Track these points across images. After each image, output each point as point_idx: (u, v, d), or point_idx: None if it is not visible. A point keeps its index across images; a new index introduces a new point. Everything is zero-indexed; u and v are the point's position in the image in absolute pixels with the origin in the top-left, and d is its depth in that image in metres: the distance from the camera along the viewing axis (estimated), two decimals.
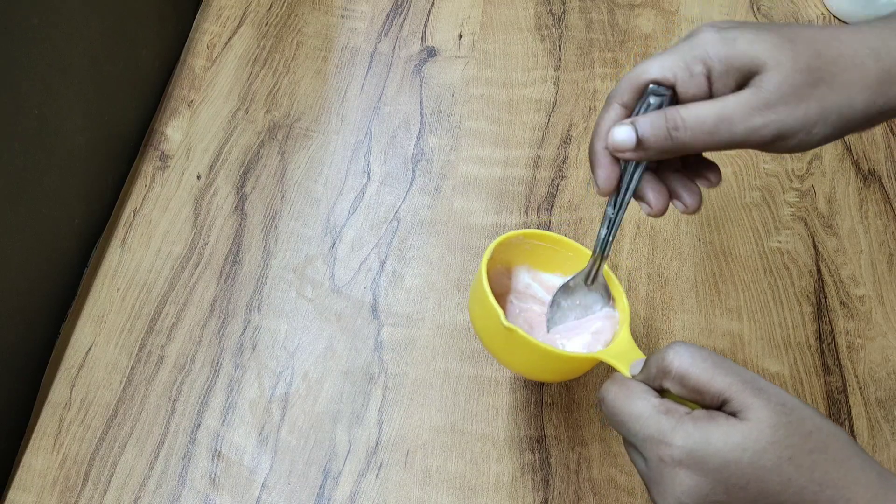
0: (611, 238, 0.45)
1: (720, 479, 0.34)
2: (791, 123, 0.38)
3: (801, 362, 0.59)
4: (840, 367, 0.59)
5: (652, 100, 0.40)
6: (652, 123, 0.39)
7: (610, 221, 0.44)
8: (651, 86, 0.40)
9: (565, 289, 0.49)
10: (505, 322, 0.44)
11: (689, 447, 0.35)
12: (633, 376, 0.41)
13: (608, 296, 0.49)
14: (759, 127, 0.37)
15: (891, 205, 0.66)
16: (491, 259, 0.48)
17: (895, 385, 0.58)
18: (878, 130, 0.70)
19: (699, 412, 0.36)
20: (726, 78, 0.39)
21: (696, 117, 0.38)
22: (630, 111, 0.41)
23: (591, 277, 0.48)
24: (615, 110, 0.41)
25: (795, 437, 0.34)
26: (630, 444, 0.39)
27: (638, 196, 0.43)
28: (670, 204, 0.43)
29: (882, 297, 0.61)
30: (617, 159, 0.42)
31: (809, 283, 0.62)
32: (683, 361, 0.37)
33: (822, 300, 0.61)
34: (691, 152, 0.40)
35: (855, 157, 0.68)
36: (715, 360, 0.37)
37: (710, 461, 0.34)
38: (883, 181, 0.67)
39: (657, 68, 0.40)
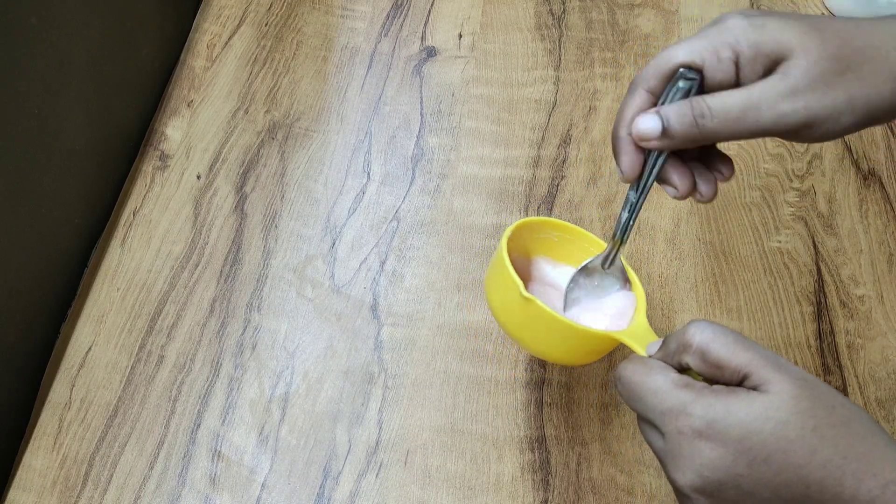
0: (632, 222, 0.44)
1: (742, 451, 0.34)
2: (818, 111, 0.37)
3: (801, 362, 0.59)
4: (840, 366, 0.59)
5: (682, 84, 0.39)
6: (678, 112, 0.39)
7: (632, 206, 0.43)
8: (681, 69, 0.39)
9: (583, 270, 0.49)
10: (524, 292, 0.43)
11: (711, 417, 0.34)
12: (651, 355, 0.40)
13: (625, 279, 0.49)
14: (787, 114, 0.37)
15: (891, 204, 0.66)
16: (510, 243, 0.47)
17: (895, 385, 0.58)
18: (878, 130, 0.70)
19: (719, 386, 0.36)
20: (754, 64, 0.38)
21: (722, 105, 0.38)
22: (656, 98, 0.40)
23: (609, 261, 0.47)
24: (641, 97, 0.40)
25: (819, 410, 0.34)
26: (646, 421, 0.38)
27: (662, 180, 0.43)
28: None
29: (882, 296, 0.61)
30: (642, 147, 0.41)
31: (809, 282, 0.62)
32: (705, 336, 0.36)
33: (822, 300, 0.61)
34: (717, 141, 0.40)
35: (855, 156, 0.68)
36: (736, 337, 0.36)
37: (732, 432, 0.34)
38: (883, 181, 0.67)
39: (686, 52, 0.39)
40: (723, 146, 0.43)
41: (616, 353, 0.58)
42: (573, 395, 0.57)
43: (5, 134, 0.51)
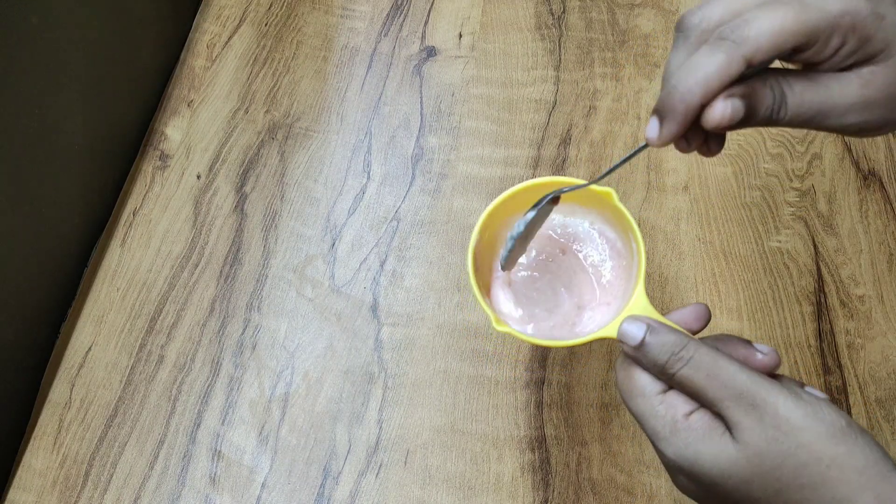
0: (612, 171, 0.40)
1: (712, 494, 0.34)
2: (880, 124, 0.35)
3: (801, 362, 0.59)
4: (840, 366, 0.59)
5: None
6: (762, 104, 0.34)
7: (624, 160, 0.39)
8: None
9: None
10: (497, 326, 0.41)
11: (680, 463, 0.34)
12: (637, 355, 0.37)
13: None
14: (849, 125, 0.35)
15: (891, 204, 0.66)
16: (482, 234, 0.43)
17: (895, 385, 0.58)
18: None
19: (698, 418, 0.34)
20: (852, 55, 0.34)
21: (799, 105, 0.34)
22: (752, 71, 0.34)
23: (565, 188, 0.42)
24: (739, 65, 0.33)
25: (786, 470, 0.32)
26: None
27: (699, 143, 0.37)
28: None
29: (882, 296, 0.61)
30: (689, 121, 0.34)
31: (809, 282, 0.62)
32: (693, 363, 0.35)
33: (822, 300, 0.61)
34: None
35: (855, 156, 0.68)
36: (720, 364, 0.34)
37: (701, 478, 0.34)
38: (883, 181, 0.67)
39: (801, 23, 0.32)
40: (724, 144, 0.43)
41: (616, 349, 0.58)
42: (573, 395, 0.57)
43: (5, 134, 0.51)
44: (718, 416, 0.34)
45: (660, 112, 0.35)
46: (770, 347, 0.37)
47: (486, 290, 0.46)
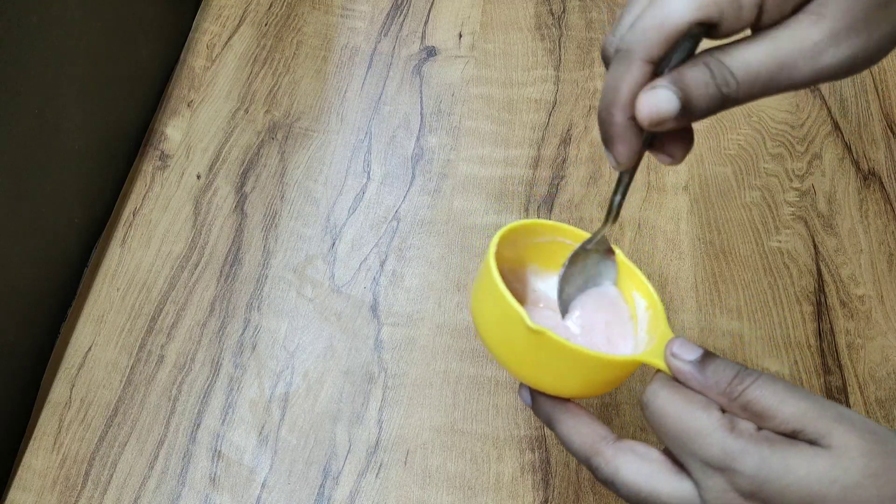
0: (623, 201, 0.38)
1: None
2: (862, 56, 0.30)
3: (801, 362, 0.59)
4: (840, 366, 0.59)
5: (687, 43, 0.32)
6: (697, 83, 0.31)
7: (625, 186, 0.37)
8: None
9: (571, 260, 0.41)
10: (531, 323, 0.35)
11: (764, 476, 0.28)
12: (688, 380, 0.33)
13: (610, 268, 0.41)
14: (827, 67, 0.30)
15: (891, 204, 0.66)
16: (497, 255, 0.38)
17: (895, 385, 0.58)
18: (878, 129, 0.70)
19: (771, 433, 0.30)
20: (783, 3, 0.30)
21: (747, 68, 0.30)
22: (657, 68, 0.32)
23: (593, 242, 0.40)
24: (638, 69, 0.31)
25: None
26: (676, 460, 0.32)
27: (655, 148, 0.35)
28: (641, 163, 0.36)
29: (882, 296, 0.61)
30: (640, 130, 0.33)
31: (809, 282, 0.62)
32: (757, 385, 0.30)
33: (822, 300, 0.61)
34: (737, 106, 0.32)
35: (855, 156, 0.68)
36: (786, 384, 0.30)
37: (790, 496, 0.28)
38: (883, 181, 0.67)
39: (695, 6, 0.30)
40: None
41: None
42: None
43: (5, 134, 0.51)
44: (792, 436, 0.30)
45: (603, 141, 0.34)
46: None
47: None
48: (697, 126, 0.34)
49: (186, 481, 0.54)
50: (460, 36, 0.76)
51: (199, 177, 0.68)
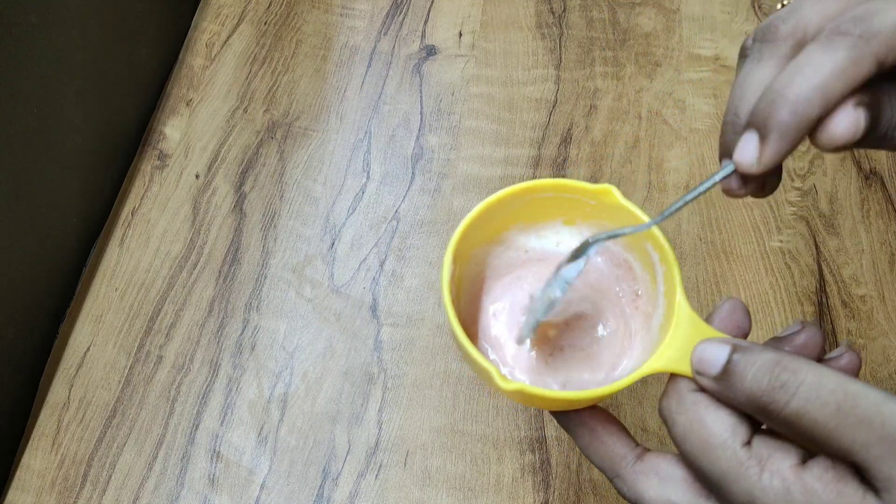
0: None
1: None
2: None
3: None
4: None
5: None
6: (885, 117, 0.27)
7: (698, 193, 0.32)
8: None
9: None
10: (503, 384, 0.30)
11: None
12: (725, 388, 0.27)
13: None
14: None
15: (892, 204, 0.66)
16: (456, 263, 0.34)
17: None
18: None
19: (818, 475, 0.24)
20: None
21: None
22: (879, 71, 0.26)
23: (623, 233, 0.34)
24: (866, 63, 0.25)
25: None
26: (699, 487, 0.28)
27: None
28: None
29: (883, 296, 0.61)
30: (804, 134, 0.27)
31: (811, 282, 0.62)
32: (805, 393, 0.24)
33: (824, 300, 0.61)
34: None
35: (856, 156, 0.68)
36: (845, 388, 0.24)
37: None
38: (884, 180, 0.67)
39: None
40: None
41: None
42: None
43: (4, 133, 0.51)
44: (844, 463, 0.24)
45: (760, 127, 0.27)
46: (844, 346, 0.29)
47: (470, 332, 0.35)
48: (698, 126, 0.34)
49: (185, 482, 0.54)
50: (460, 35, 0.76)
51: (197, 176, 0.68)
